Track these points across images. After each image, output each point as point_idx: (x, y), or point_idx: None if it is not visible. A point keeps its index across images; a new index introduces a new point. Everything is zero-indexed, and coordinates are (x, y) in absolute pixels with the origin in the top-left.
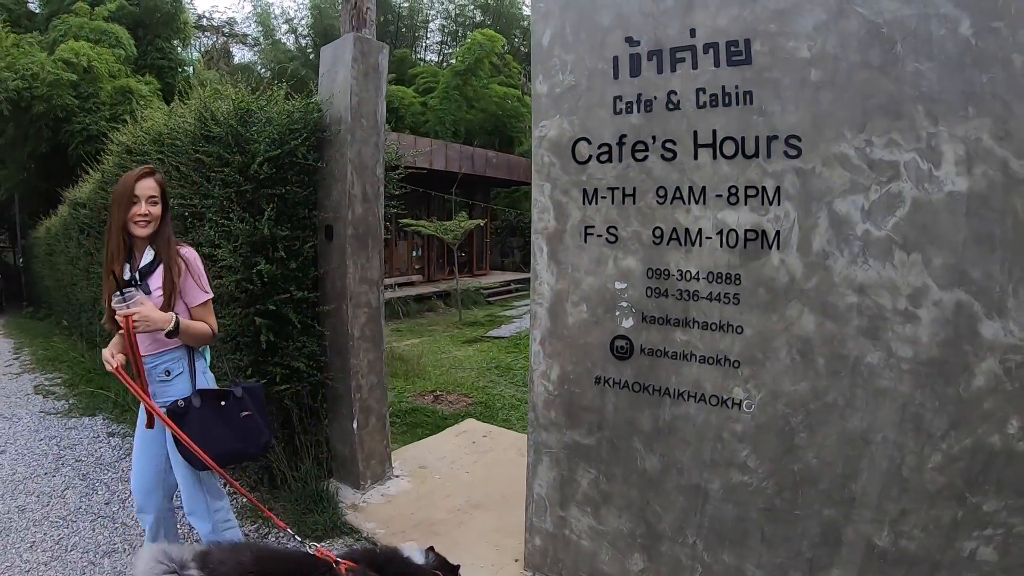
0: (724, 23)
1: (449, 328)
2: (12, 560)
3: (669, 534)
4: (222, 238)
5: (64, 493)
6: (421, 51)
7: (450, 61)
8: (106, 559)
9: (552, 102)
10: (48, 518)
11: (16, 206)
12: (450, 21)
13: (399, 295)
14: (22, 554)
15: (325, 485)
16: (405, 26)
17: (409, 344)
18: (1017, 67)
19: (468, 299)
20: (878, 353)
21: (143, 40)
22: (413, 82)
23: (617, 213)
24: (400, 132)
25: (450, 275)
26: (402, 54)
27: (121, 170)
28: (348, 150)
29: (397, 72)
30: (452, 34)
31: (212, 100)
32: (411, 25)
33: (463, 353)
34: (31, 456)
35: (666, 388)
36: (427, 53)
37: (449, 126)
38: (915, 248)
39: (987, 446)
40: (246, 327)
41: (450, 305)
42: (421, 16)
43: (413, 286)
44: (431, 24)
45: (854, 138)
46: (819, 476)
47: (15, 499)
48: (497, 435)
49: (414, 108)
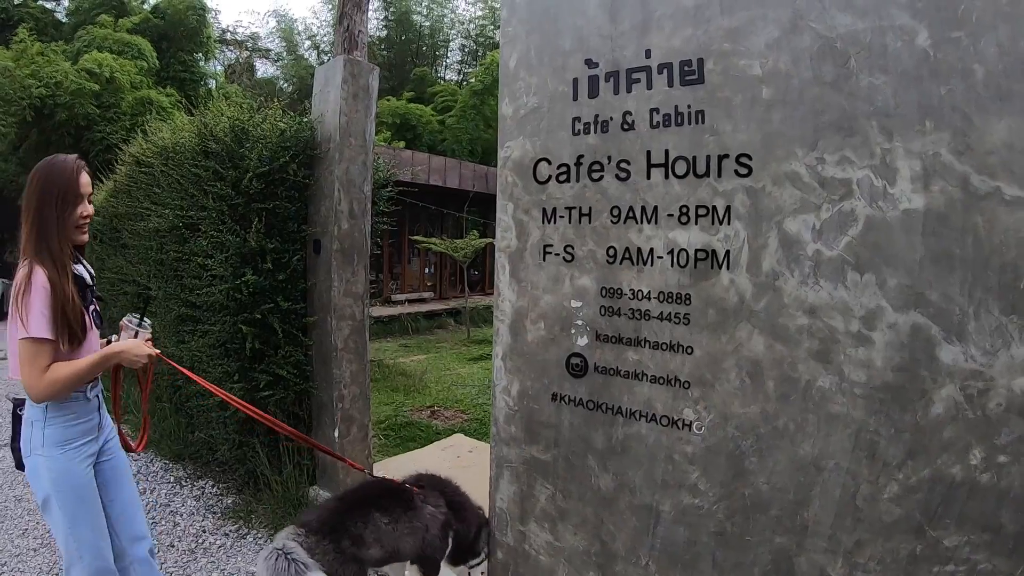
0: (678, 43)
1: (457, 345)
2: (4, 545)
3: (623, 554)
4: (215, 249)
5: None
6: (441, 70)
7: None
8: None
9: (516, 124)
10: None
11: None
12: (470, 40)
13: (410, 311)
14: (14, 540)
15: (306, 491)
16: (426, 45)
17: (415, 360)
18: (979, 78)
19: (479, 317)
20: (830, 377)
21: (166, 53)
22: (432, 100)
23: (574, 232)
24: (416, 150)
25: (461, 293)
26: (422, 72)
27: (131, 181)
28: (336, 168)
29: (416, 90)
30: (472, 53)
31: (213, 117)
32: (432, 44)
33: (467, 370)
34: None
35: (619, 407)
36: (447, 72)
37: (466, 145)
38: (868, 268)
39: (947, 477)
40: (233, 335)
41: (460, 323)
42: (442, 35)
43: (424, 303)
44: (451, 43)
45: (805, 156)
46: (770, 502)
47: (13, 489)
48: (482, 451)
49: (432, 126)
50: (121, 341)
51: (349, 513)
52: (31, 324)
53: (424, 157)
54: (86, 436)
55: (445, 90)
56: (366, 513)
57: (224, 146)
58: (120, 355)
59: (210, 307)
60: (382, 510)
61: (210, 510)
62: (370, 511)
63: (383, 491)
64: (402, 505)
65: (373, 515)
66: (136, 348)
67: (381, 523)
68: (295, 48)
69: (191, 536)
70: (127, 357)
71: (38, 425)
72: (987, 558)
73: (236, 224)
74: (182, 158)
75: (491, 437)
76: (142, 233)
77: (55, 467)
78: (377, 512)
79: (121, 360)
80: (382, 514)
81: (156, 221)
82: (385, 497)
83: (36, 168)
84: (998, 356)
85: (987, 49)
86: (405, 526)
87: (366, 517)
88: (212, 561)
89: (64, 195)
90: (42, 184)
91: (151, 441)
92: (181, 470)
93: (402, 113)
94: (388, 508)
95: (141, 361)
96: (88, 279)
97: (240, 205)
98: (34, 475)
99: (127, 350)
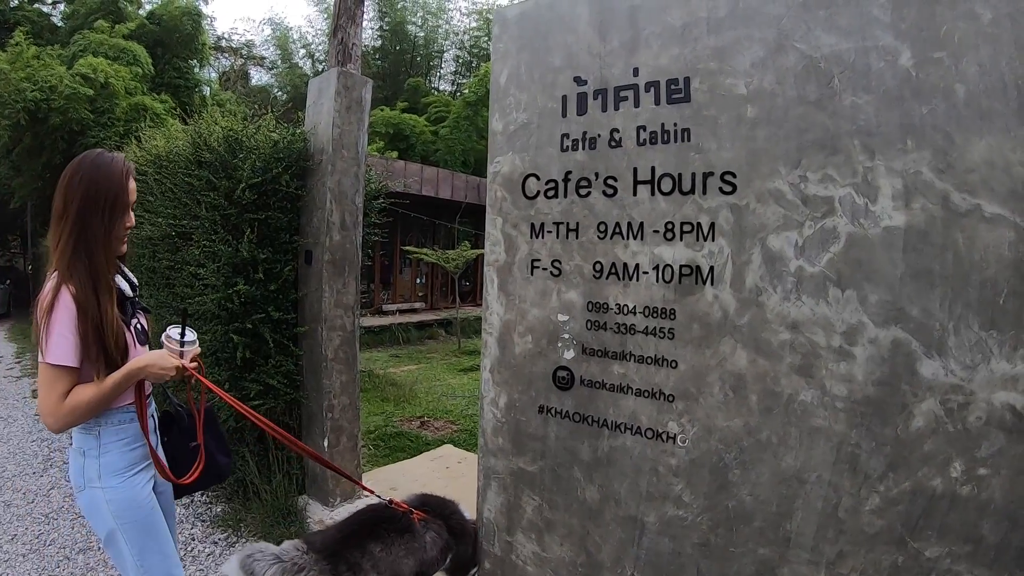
0: (666, 62)
1: (447, 356)
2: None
3: (608, 565)
4: (207, 258)
5: (49, 492)
6: (435, 80)
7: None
8: (80, 555)
9: (506, 139)
10: (31, 514)
11: (28, 214)
12: (464, 51)
13: (401, 321)
14: (2, 545)
15: (295, 500)
16: (420, 55)
17: (405, 370)
18: (960, 97)
19: (469, 328)
20: (812, 391)
21: (161, 59)
22: (425, 111)
23: (561, 247)
24: (410, 160)
25: (453, 303)
26: (416, 83)
27: None
28: (328, 179)
29: (410, 100)
30: (466, 64)
31: (207, 127)
32: (426, 55)
33: (457, 381)
34: (22, 456)
35: (604, 419)
36: (441, 83)
37: (459, 156)
38: (850, 284)
39: (928, 489)
40: (225, 344)
41: (451, 333)
42: (436, 46)
43: (416, 313)
44: (446, 54)
45: (788, 174)
46: (753, 514)
47: (2, 495)
48: (471, 461)
49: (425, 136)
50: (148, 354)
51: (348, 540)
52: (50, 349)
53: (417, 168)
54: (145, 460)
55: (439, 101)
56: (363, 543)
57: (217, 156)
58: (144, 369)
59: (201, 316)
60: (378, 539)
61: (199, 518)
62: (366, 541)
63: (384, 518)
64: (401, 530)
65: (369, 546)
66: (162, 360)
67: (375, 551)
68: (290, 56)
69: (180, 544)
70: (152, 371)
71: (91, 454)
72: (968, 569)
73: (228, 234)
74: (175, 167)
75: (479, 448)
76: (135, 241)
77: (117, 498)
78: (373, 542)
79: (146, 375)
80: (377, 543)
81: (149, 229)
82: (385, 523)
83: (78, 166)
84: (978, 370)
85: (969, 69)
86: (401, 549)
87: (363, 547)
88: (201, 569)
89: (115, 203)
90: (88, 187)
91: None
92: None
93: (396, 123)
94: (385, 536)
95: (168, 375)
96: (129, 291)
97: (233, 215)
98: (93, 511)
99: (152, 363)
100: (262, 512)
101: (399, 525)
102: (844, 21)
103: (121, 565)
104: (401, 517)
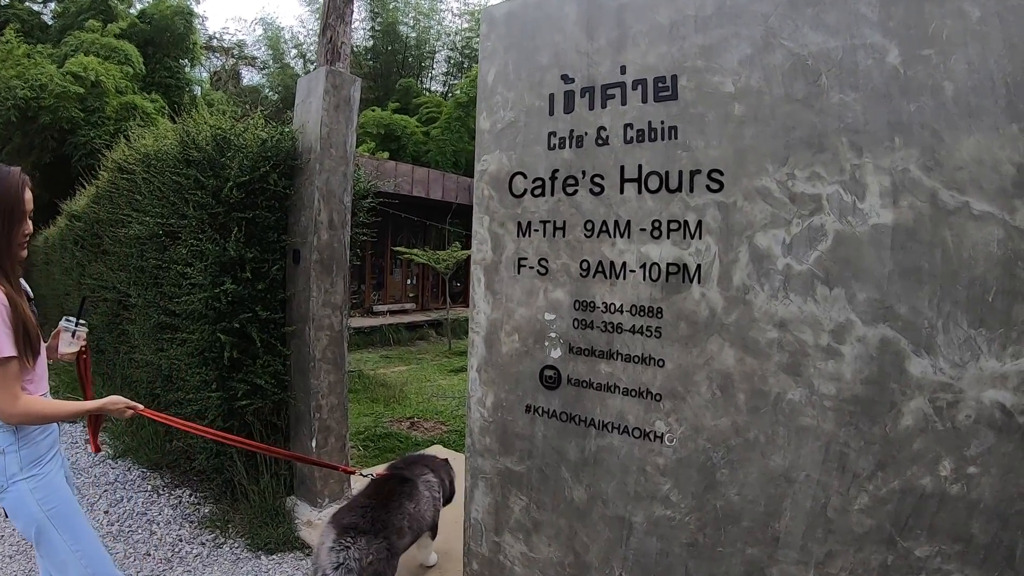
0: (653, 60)
1: (438, 357)
2: None
3: (596, 565)
4: (195, 257)
5: None
6: (427, 81)
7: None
8: None
9: (493, 138)
10: None
11: None
12: (456, 52)
13: (391, 322)
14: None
15: (283, 501)
16: (412, 56)
17: (395, 371)
18: (948, 95)
19: (460, 329)
20: (800, 390)
21: (152, 58)
22: (417, 111)
23: (548, 246)
24: (401, 161)
25: (443, 304)
26: (407, 83)
27: (113, 187)
28: (316, 178)
29: (401, 101)
30: (458, 65)
31: (195, 125)
32: (418, 55)
33: (447, 382)
34: None
35: (591, 419)
36: (432, 83)
37: (450, 156)
38: (838, 283)
39: (917, 488)
40: (212, 343)
41: (442, 334)
42: (428, 47)
43: (406, 314)
44: (437, 55)
45: (776, 171)
46: (741, 514)
47: None
48: (461, 461)
49: (416, 137)
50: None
51: (386, 508)
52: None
53: (408, 168)
54: (54, 446)
55: (430, 101)
56: (400, 504)
57: (205, 155)
58: (103, 407)
59: (189, 315)
60: (408, 497)
61: (187, 519)
62: (402, 502)
63: (401, 481)
64: (415, 488)
65: (405, 505)
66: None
67: (410, 510)
68: (281, 56)
69: (167, 545)
70: (108, 409)
71: (11, 450)
72: (958, 568)
73: (216, 233)
74: (164, 165)
75: (466, 448)
76: (123, 240)
77: (41, 486)
78: (407, 501)
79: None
80: (409, 501)
81: (137, 228)
82: (405, 485)
83: None
84: (967, 368)
85: (957, 67)
86: (425, 504)
87: (401, 509)
88: (188, 570)
89: (12, 211)
90: None
91: (128, 449)
92: (158, 479)
93: (387, 124)
94: (412, 494)
95: (124, 415)
96: (30, 293)
97: (220, 214)
98: (20, 506)
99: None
100: (250, 513)
101: (414, 484)
102: (832, 19)
103: (55, 560)
104: (410, 479)
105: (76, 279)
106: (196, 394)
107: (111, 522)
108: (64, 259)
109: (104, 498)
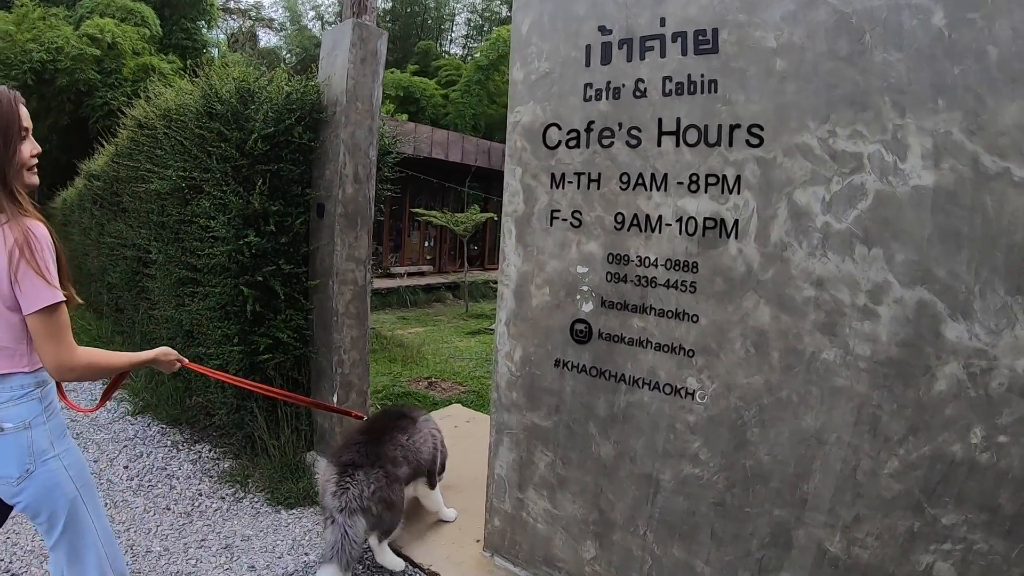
0: (694, 12)
1: (455, 319)
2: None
3: (621, 523)
4: (217, 211)
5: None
6: (446, 44)
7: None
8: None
9: (527, 89)
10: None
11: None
12: (476, 15)
13: (409, 284)
14: None
15: (303, 456)
16: (431, 18)
17: (412, 332)
18: (992, 60)
19: (477, 291)
20: (835, 350)
21: (169, 20)
22: (436, 74)
23: (582, 198)
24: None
25: (461, 267)
26: (427, 46)
27: (133, 145)
28: (342, 131)
29: (421, 63)
30: (478, 28)
31: (219, 79)
32: (437, 17)
33: (464, 343)
34: None
35: (622, 374)
36: (452, 46)
37: (469, 120)
38: (877, 243)
39: (947, 455)
40: (234, 297)
41: (459, 297)
42: (447, 9)
43: (423, 276)
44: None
45: (817, 128)
46: (770, 474)
47: None
48: (480, 421)
49: (435, 100)
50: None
51: (379, 441)
52: (51, 290)
53: (427, 130)
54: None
55: (450, 64)
56: (392, 436)
57: (230, 107)
58: (155, 360)
59: (211, 269)
60: (401, 431)
61: (207, 474)
62: (394, 434)
63: (396, 416)
64: (411, 424)
65: (397, 437)
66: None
67: (403, 441)
68: (299, 18)
69: (187, 499)
70: (159, 364)
71: (38, 422)
72: (984, 538)
73: (239, 186)
74: (186, 120)
75: (491, 403)
76: (143, 196)
77: (72, 461)
78: (399, 433)
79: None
80: (402, 433)
81: (158, 183)
82: (400, 420)
83: None
84: (1002, 336)
85: (1001, 32)
86: (421, 439)
87: (393, 440)
88: (208, 524)
89: (7, 128)
90: None
91: (148, 405)
92: (178, 434)
93: (406, 86)
94: (405, 428)
95: (174, 368)
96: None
97: (244, 167)
98: (54, 487)
99: (158, 360)
100: (270, 468)
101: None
102: None
103: (79, 544)
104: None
105: (95, 238)
106: (217, 348)
107: (131, 477)
108: (83, 219)
109: (124, 453)
